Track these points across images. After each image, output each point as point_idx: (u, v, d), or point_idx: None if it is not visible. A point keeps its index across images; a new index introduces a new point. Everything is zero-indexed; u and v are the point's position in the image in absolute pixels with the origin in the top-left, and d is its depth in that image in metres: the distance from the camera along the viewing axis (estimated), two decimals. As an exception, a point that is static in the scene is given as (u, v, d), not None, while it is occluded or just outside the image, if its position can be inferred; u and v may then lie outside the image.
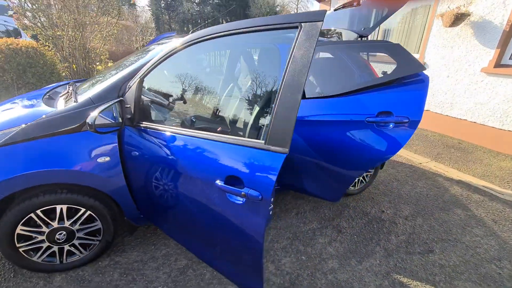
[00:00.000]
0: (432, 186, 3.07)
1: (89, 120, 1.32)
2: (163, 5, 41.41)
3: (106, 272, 1.77)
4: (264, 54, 2.34)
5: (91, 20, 5.53)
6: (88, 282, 1.70)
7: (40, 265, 1.66)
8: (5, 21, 7.35)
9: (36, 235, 1.57)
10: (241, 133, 1.79)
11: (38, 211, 1.52)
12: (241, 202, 1.18)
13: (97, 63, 6.27)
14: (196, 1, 41.34)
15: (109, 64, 6.59)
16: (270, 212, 1.76)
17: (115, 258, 1.89)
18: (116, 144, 1.57)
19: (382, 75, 1.88)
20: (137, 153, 1.57)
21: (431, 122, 4.92)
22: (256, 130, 1.62)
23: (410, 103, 1.77)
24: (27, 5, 5.13)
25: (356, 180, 2.71)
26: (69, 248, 1.69)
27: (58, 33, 5.23)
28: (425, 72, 1.90)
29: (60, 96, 1.94)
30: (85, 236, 1.70)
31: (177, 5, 40.23)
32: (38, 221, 1.54)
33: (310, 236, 2.21)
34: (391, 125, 1.78)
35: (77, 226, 1.65)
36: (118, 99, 1.49)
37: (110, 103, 1.43)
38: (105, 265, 1.82)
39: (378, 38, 5.78)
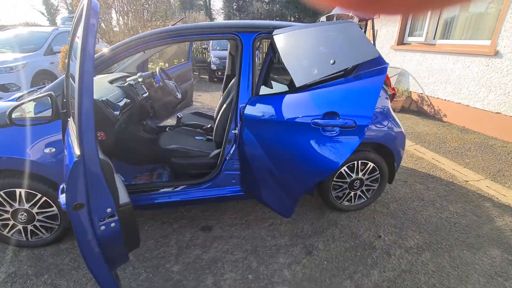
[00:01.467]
0: (470, 212, 2.33)
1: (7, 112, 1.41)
2: (235, 7, 43.61)
3: (60, 255, 1.91)
4: None
5: (141, 24, 6.14)
6: (43, 261, 1.85)
7: (10, 239, 1.90)
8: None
9: (1, 213, 1.79)
10: None
11: (1, 192, 1.72)
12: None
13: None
14: (266, 0, 42.09)
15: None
16: None
17: (75, 242, 2.02)
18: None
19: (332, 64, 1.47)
20: None
21: (502, 128, 3.77)
22: None
23: (357, 102, 1.34)
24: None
25: (353, 195, 2.26)
26: (31, 228, 1.88)
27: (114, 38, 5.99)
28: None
29: None
30: (44, 219, 1.86)
31: (247, 5, 41.72)
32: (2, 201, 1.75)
33: (272, 253, 1.93)
34: (336, 130, 1.37)
35: (35, 209, 1.81)
36: (47, 93, 1.55)
37: (36, 97, 1.50)
38: (64, 248, 1.96)
39: (438, 29, 4.73)
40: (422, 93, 5.00)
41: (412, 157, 3.37)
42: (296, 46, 1.59)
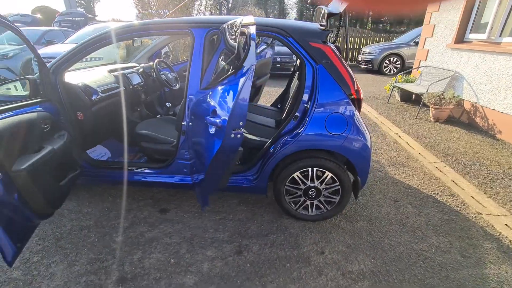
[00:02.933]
0: (457, 250, 1.91)
1: None
2: (309, 1, 42.42)
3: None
4: None
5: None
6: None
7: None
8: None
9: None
10: None
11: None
12: None
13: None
14: (343, -7, 39.47)
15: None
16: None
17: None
18: None
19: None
20: None
21: None
22: None
23: (223, 102, 1.22)
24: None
25: (309, 204, 2.11)
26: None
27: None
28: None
29: None
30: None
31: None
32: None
33: (205, 244, 1.97)
34: (212, 129, 1.30)
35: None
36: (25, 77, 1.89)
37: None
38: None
39: (509, 22, 3.77)
40: (476, 103, 4.12)
41: (425, 176, 2.88)
42: None
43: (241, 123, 1.27)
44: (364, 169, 1.97)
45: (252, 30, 1.34)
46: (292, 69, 8.05)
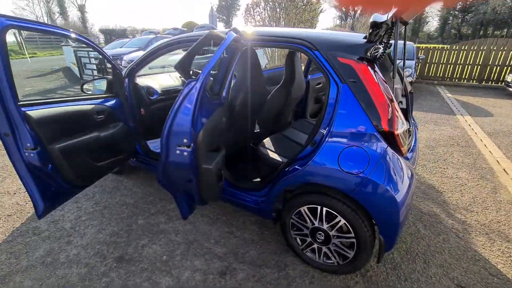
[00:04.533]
0: None
1: None
2: (458, 6, 35.01)
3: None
4: None
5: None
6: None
7: None
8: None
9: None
10: None
11: None
12: None
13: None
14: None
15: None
16: None
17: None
18: None
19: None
20: None
21: None
22: None
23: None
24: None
25: (316, 248, 1.76)
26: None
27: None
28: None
29: None
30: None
31: (478, 4, 32.14)
32: None
33: (198, 253, 1.96)
34: None
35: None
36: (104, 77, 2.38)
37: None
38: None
39: None
40: None
41: (541, 266, 1.86)
42: None
43: (185, 140, 1.18)
44: (389, 228, 1.45)
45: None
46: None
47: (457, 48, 8.87)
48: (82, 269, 1.82)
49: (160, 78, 2.97)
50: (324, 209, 1.62)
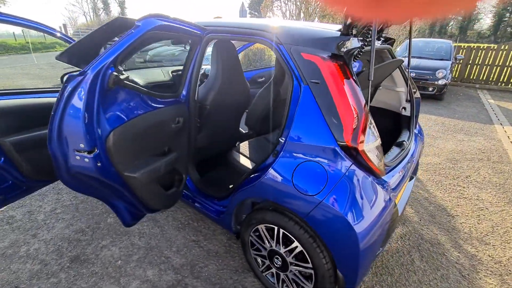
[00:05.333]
0: None
1: None
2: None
3: None
4: None
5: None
6: None
7: None
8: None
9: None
10: None
11: None
12: None
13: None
14: None
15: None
16: None
17: None
18: None
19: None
20: None
21: None
22: None
23: None
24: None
25: (274, 273, 1.53)
26: None
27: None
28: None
29: None
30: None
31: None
32: None
33: (153, 261, 1.82)
34: None
35: None
36: None
37: None
38: None
39: None
40: None
41: None
42: None
43: (82, 145, 1.01)
44: (347, 265, 1.18)
45: None
46: (432, 89, 6.21)
47: (506, 48, 7.78)
48: (36, 266, 1.78)
49: (147, 73, 2.87)
50: (281, 230, 1.38)
